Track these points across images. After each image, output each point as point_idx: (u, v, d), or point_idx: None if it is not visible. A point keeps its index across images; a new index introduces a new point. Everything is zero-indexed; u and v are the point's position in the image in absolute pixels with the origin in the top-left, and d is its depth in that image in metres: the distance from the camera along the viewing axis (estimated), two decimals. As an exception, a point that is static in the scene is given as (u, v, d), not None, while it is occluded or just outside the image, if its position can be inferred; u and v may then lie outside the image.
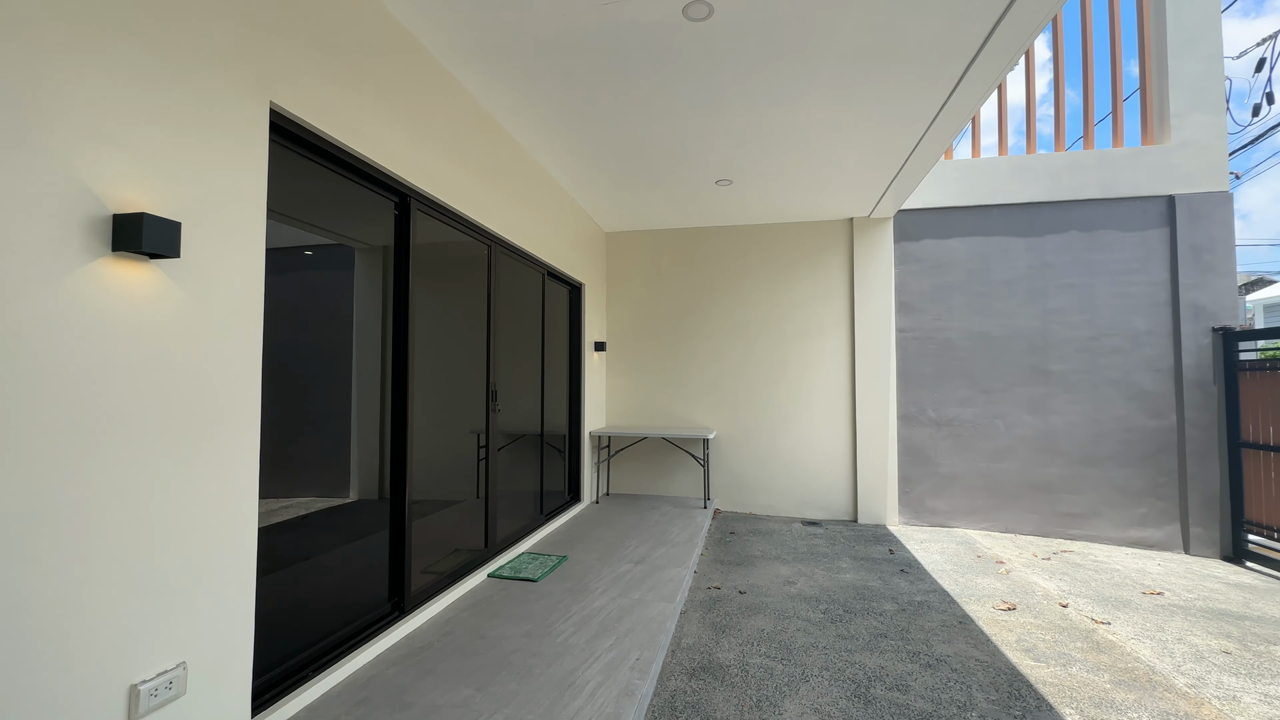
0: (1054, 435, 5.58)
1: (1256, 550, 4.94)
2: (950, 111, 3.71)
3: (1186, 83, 5.46)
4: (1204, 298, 5.32)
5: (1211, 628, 3.51)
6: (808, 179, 5.01)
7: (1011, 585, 4.14)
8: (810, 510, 6.08)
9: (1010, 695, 2.66)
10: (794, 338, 6.22)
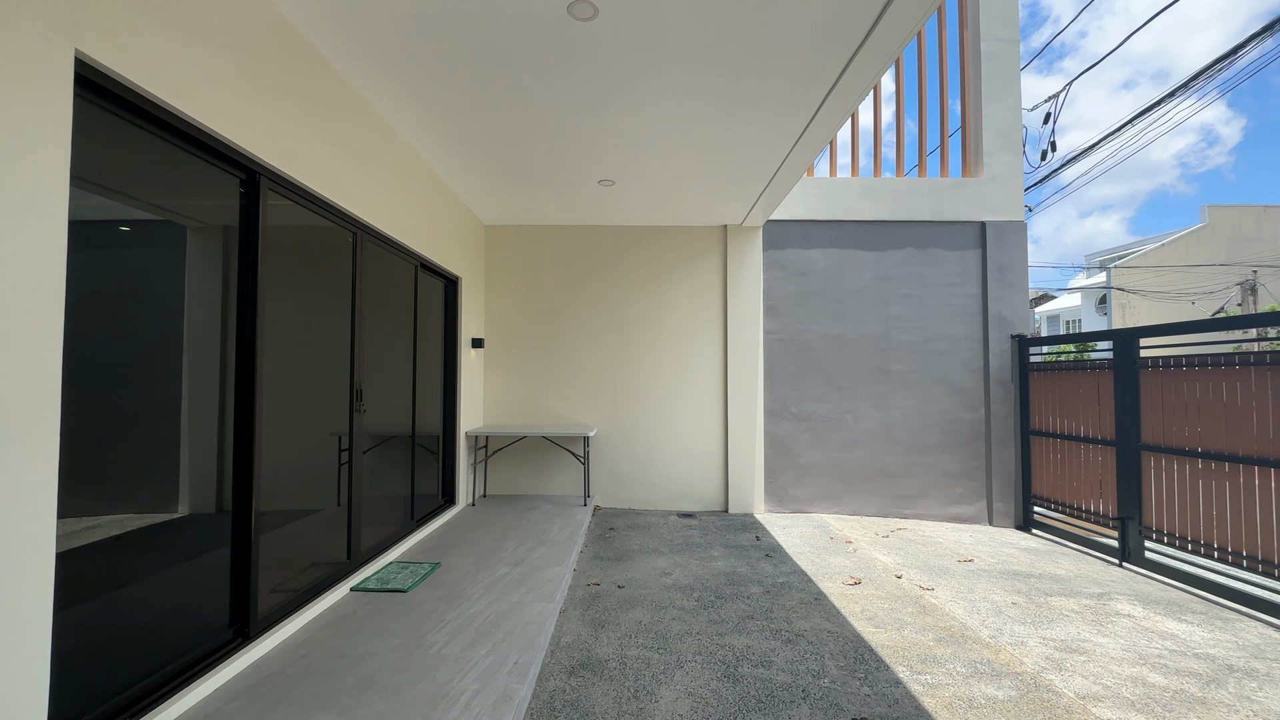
0: (893, 427, 6.33)
1: (1040, 519, 5.98)
2: (813, 131, 4.06)
3: (995, 127, 6.45)
4: (1005, 309, 6.33)
5: (1007, 586, 4.19)
6: (686, 185, 5.22)
7: (858, 562, 4.64)
8: (685, 503, 6.35)
9: (856, 660, 2.98)
10: (672, 338, 6.45)
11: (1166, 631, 3.46)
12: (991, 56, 6.44)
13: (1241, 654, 3.18)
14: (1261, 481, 3.84)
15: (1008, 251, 6.37)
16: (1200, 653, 3.19)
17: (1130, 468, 4.81)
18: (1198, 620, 3.65)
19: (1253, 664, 3.06)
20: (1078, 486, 5.43)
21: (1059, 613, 3.71)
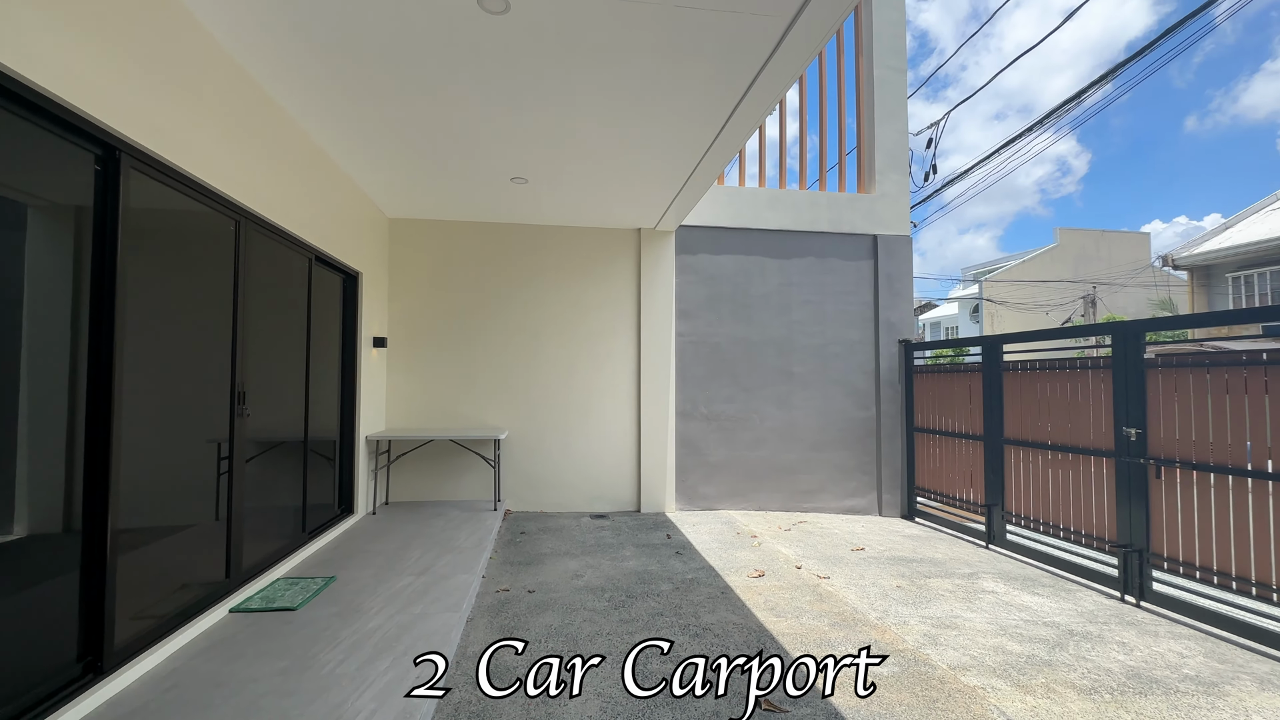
0: (795, 426, 6.69)
1: (922, 509, 6.55)
2: (724, 139, 4.20)
3: (886, 148, 7.00)
4: (894, 316, 6.88)
5: (893, 571, 4.55)
6: (601, 187, 5.24)
7: (762, 555, 4.86)
8: (599, 504, 6.36)
9: (758, 649, 3.12)
10: (586, 339, 6.44)
11: (1023, 604, 3.91)
12: (883, 83, 6.98)
13: (1080, 620, 3.66)
14: (1095, 469, 4.44)
15: (896, 263, 6.92)
16: (1049, 621, 3.63)
17: (995, 460, 5.39)
18: (1047, 593, 4.15)
19: (1088, 628, 3.53)
20: (953, 477, 6.00)
21: (936, 593, 4.08)
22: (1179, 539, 3.85)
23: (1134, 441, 4.10)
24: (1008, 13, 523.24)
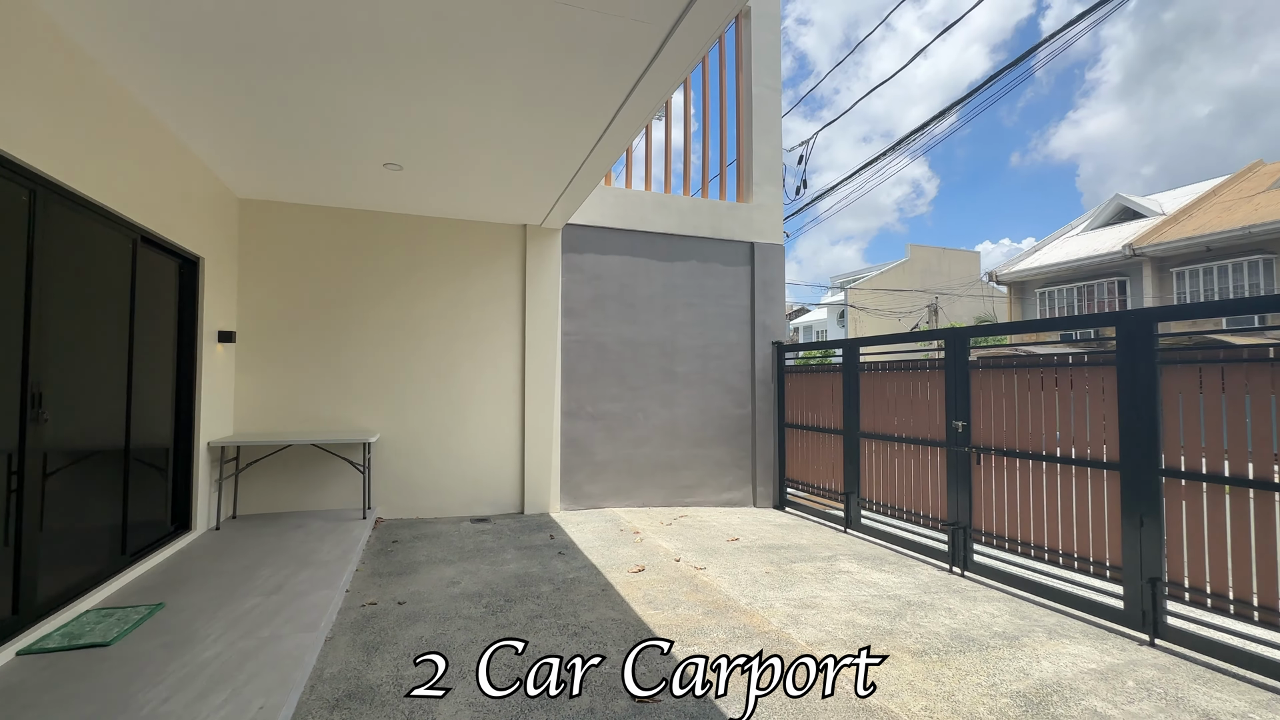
0: (678, 424, 6.91)
1: (792, 499, 7.04)
2: (609, 139, 4.23)
3: (762, 161, 7.44)
4: (768, 319, 7.33)
5: (763, 558, 4.86)
6: (484, 180, 5.07)
7: (643, 550, 4.97)
8: (480, 507, 6.15)
9: (635, 643, 3.18)
10: (469, 336, 6.20)
11: (872, 581, 4.34)
12: (760, 100, 7.42)
13: (917, 592, 4.13)
14: (932, 457, 5.03)
15: (771, 270, 7.39)
16: (892, 595, 4.06)
17: (853, 451, 5.93)
18: (893, 569, 4.64)
19: (923, 598, 3.99)
20: (818, 469, 6.53)
21: (799, 576, 4.41)
22: (992, 516, 4.47)
23: (960, 433, 4.70)
24: (874, 45, 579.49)
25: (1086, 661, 3.09)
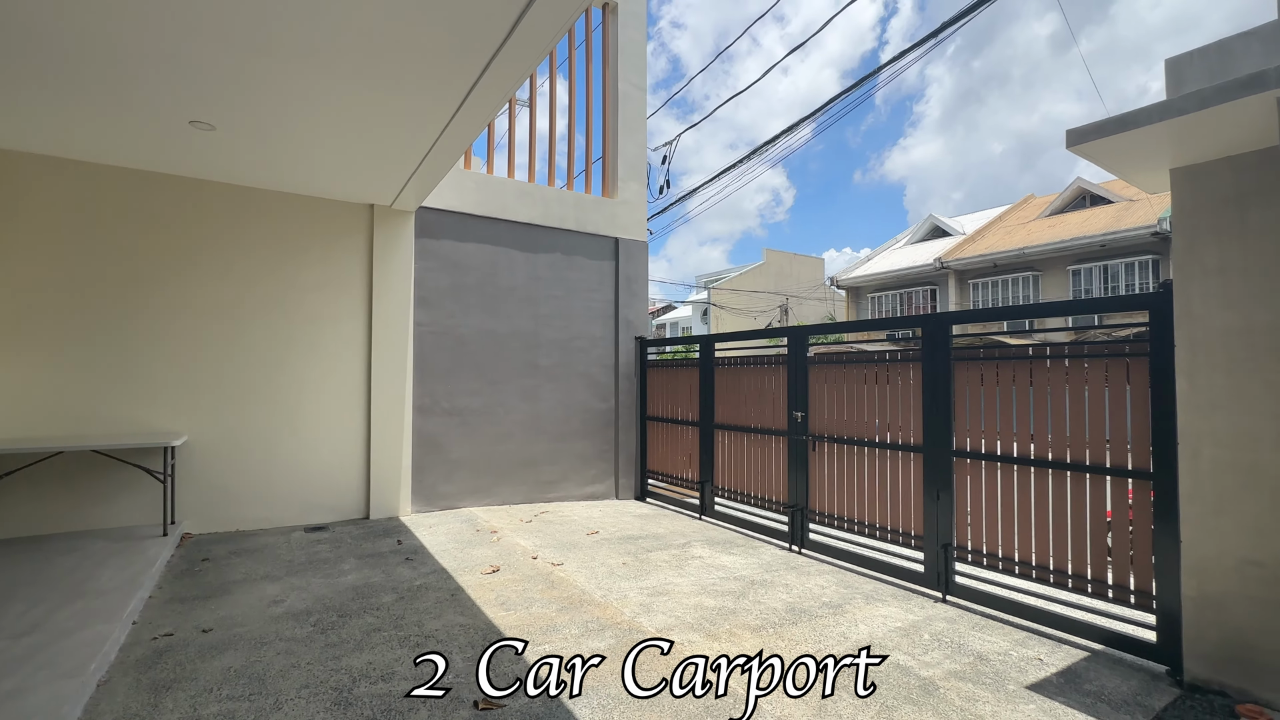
0: (541, 418, 6.79)
1: (653, 490, 7.24)
2: (465, 118, 3.98)
3: (628, 159, 7.53)
4: (631, 314, 7.45)
5: (621, 550, 4.93)
6: (321, 153, 4.55)
7: (500, 550, 4.80)
8: (316, 514, 5.55)
9: (484, 648, 3.05)
10: (304, 324, 5.56)
11: (721, 565, 4.58)
12: (626, 97, 7.49)
13: (761, 571, 4.43)
14: (777, 446, 5.43)
15: (634, 266, 7.51)
16: (738, 576, 4.32)
17: (708, 442, 6.23)
18: (740, 552, 4.94)
19: (765, 577, 4.30)
20: (677, 460, 6.77)
21: (655, 565, 4.54)
22: (826, 496, 4.94)
23: (799, 422, 5.13)
24: (742, 58, 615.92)
25: (894, 621, 3.52)
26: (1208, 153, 2.82)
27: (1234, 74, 2.58)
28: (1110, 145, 2.82)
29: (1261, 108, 2.40)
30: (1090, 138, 2.81)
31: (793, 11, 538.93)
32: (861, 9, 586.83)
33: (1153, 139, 2.72)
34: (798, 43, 10.65)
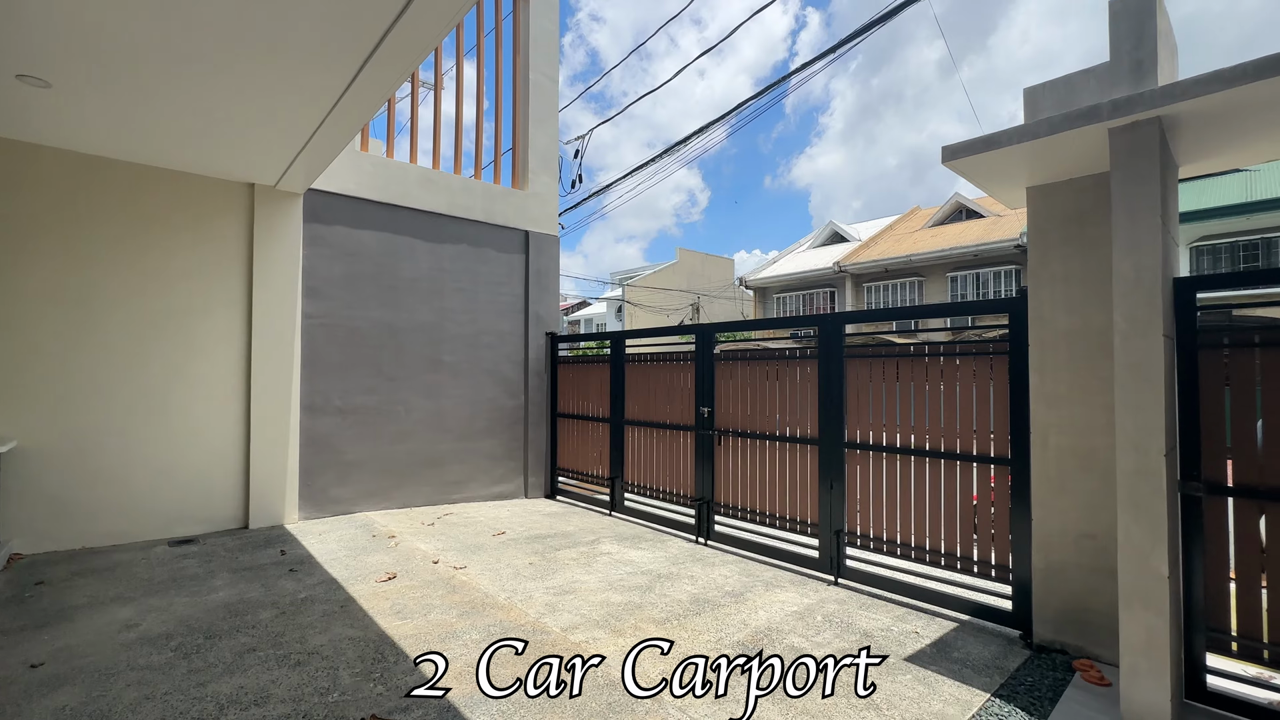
0: (444, 416, 6.50)
1: (563, 487, 7.16)
2: (358, 95, 3.70)
3: (539, 150, 7.37)
4: (542, 310, 7.32)
5: (528, 549, 4.83)
6: (189, 122, 4.08)
7: (398, 556, 4.55)
8: (185, 526, 4.99)
9: (375, 660, 2.87)
10: (171, 315, 4.96)
11: (629, 559, 4.61)
12: (538, 88, 7.33)
13: (668, 564, 4.50)
14: (685, 441, 5.54)
15: (545, 260, 7.38)
16: (646, 570, 4.36)
17: (618, 438, 6.24)
18: (649, 546, 4.99)
19: (672, 570, 4.37)
20: (588, 457, 6.73)
21: (562, 563, 4.48)
22: (731, 489, 5.10)
23: (707, 417, 5.26)
24: (660, 58, 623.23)
25: (791, 605, 3.69)
26: (1057, 174, 3.18)
27: (1077, 106, 2.92)
28: (978, 162, 3.10)
29: (1096, 137, 2.73)
30: (962, 154, 3.08)
31: (710, 16, 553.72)
32: (775, 20, 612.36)
33: (1012, 159, 3.03)
34: (716, 47, 11.00)
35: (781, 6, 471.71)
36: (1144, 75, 2.75)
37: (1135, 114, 2.53)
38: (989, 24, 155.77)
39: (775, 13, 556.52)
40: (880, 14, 7.44)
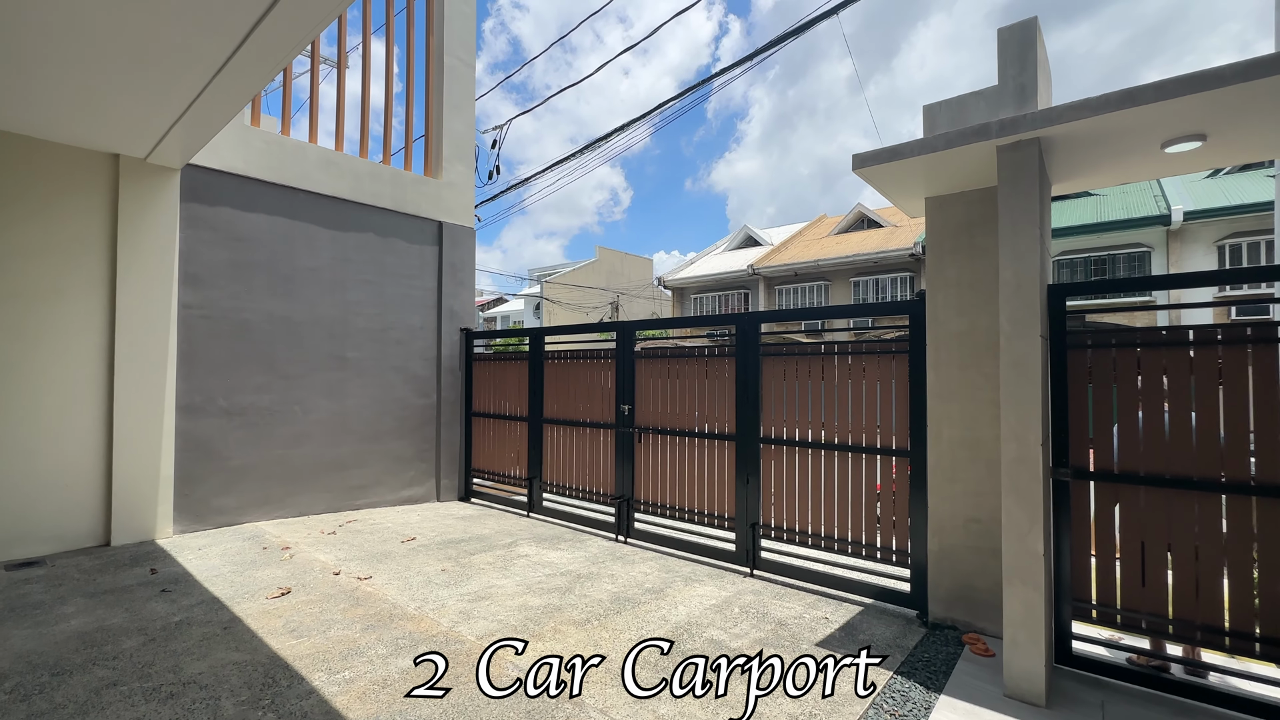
0: (348, 417, 6.06)
1: (478, 489, 6.90)
2: (248, 60, 3.35)
3: (454, 138, 7.05)
4: (456, 304, 7.01)
5: (441, 555, 4.60)
6: (34, 79, 3.51)
7: (293, 569, 4.17)
8: (26, 545, 4.31)
9: (265, 686, 2.60)
10: (8, 300, 4.27)
11: (548, 561, 4.50)
12: (452, 72, 7.00)
13: (587, 564, 4.44)
14: (605, 439, 5.50)
15: (460, 253, 7.07)
16: (565, 571, 4.27)
17: (536, 437, 6.10)
18: (568, 547, 4.91)
19: (591, 569, 4.31)
20: (505, 457, 6.53)
21: (477, 568, 4.30)
22: (651, 486, 5.12)
23: (627, 415, 5.25)
24: (585, 53, 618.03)
25: (709, 599, 3.75)
26: (951, 186, 3.43)
27: (969, 124, 3.16)
28: (883, 171, 3.29)
29: (985, 153, 2.97)
30: (869, 163, 3.25)
31: (636, 15, 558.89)
32: (699, 24, 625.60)
33: (913, 170, 3.23)
34: (642, 47, 11.05)
35: (706, 11, 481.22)
36: (1027, 99, 3.03)
37: (1019, 133, 2.78)
38: (893, 46, 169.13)
39: (699, 17, 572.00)
40: (795, 26, 7.76)
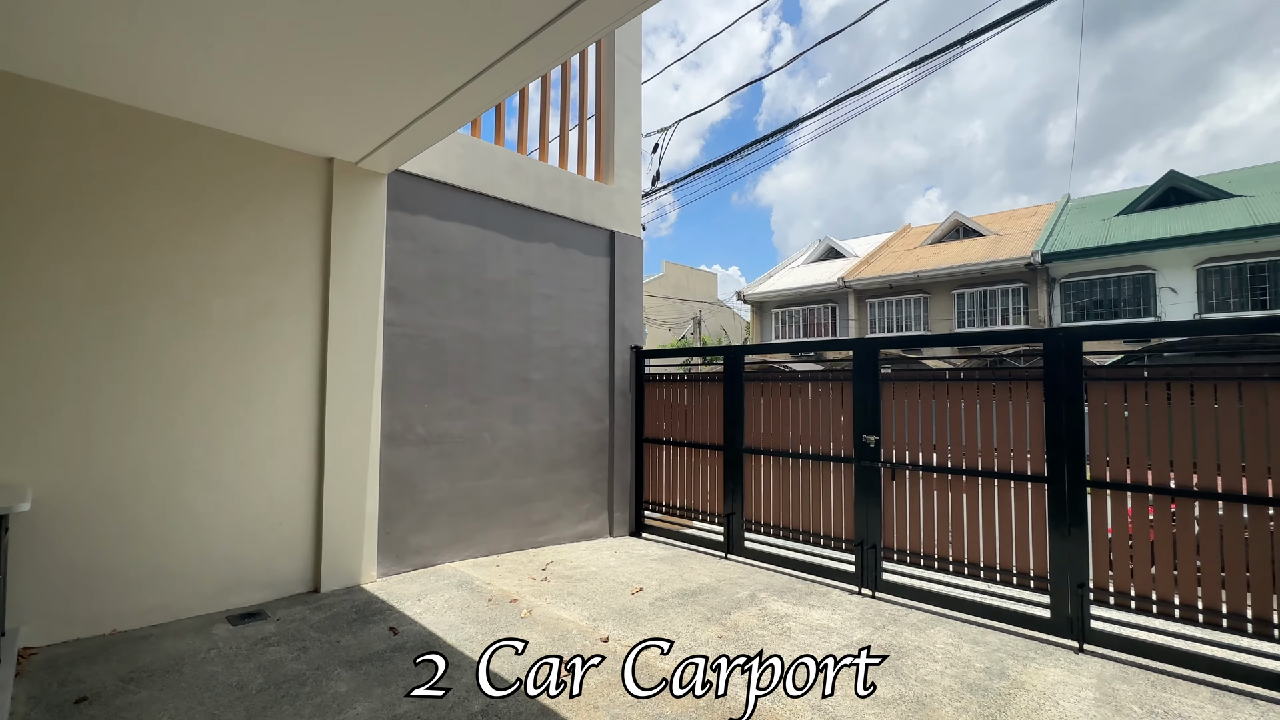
0: (531, 444, 5.52)
1: (650, 523, 6.24)
2: (509, 68, 2.87)
3: (623, 141, 6.54)
4: (627, 320, 6.44)
5: (690, 613, 3.91)
6: (267, 79, 3.07)
7: (543, 629, 3.57)
8: (242, 593, 3.85)
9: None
10: (227, 319, 3.86)
11: (817, 624, 3.78)
12: (622, 72, 6.51)
13: (866, 630, 3.70)
14: (837, 474, 4.75)
15: (630, 265, 6.52)
16: (851, 639, 3.54)
17: (735, 469, 5.38)
18: (817, 602, 4.19)
19: (876, 637, 3.57)
20: (687, 488, 5.85)
21: (751, 632, 3.60)
22: (903, 531, 4.35)
23: (872, 447, 4.51)
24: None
25: (1083, 694, 2.95)
26: None
27: None
28: None
29: None
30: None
31: (688, 28, 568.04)
32: (753, 34, 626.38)
33: None
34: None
35: (760, 24, 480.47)
36: None
37: None
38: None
39: (753, 28, 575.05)
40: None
